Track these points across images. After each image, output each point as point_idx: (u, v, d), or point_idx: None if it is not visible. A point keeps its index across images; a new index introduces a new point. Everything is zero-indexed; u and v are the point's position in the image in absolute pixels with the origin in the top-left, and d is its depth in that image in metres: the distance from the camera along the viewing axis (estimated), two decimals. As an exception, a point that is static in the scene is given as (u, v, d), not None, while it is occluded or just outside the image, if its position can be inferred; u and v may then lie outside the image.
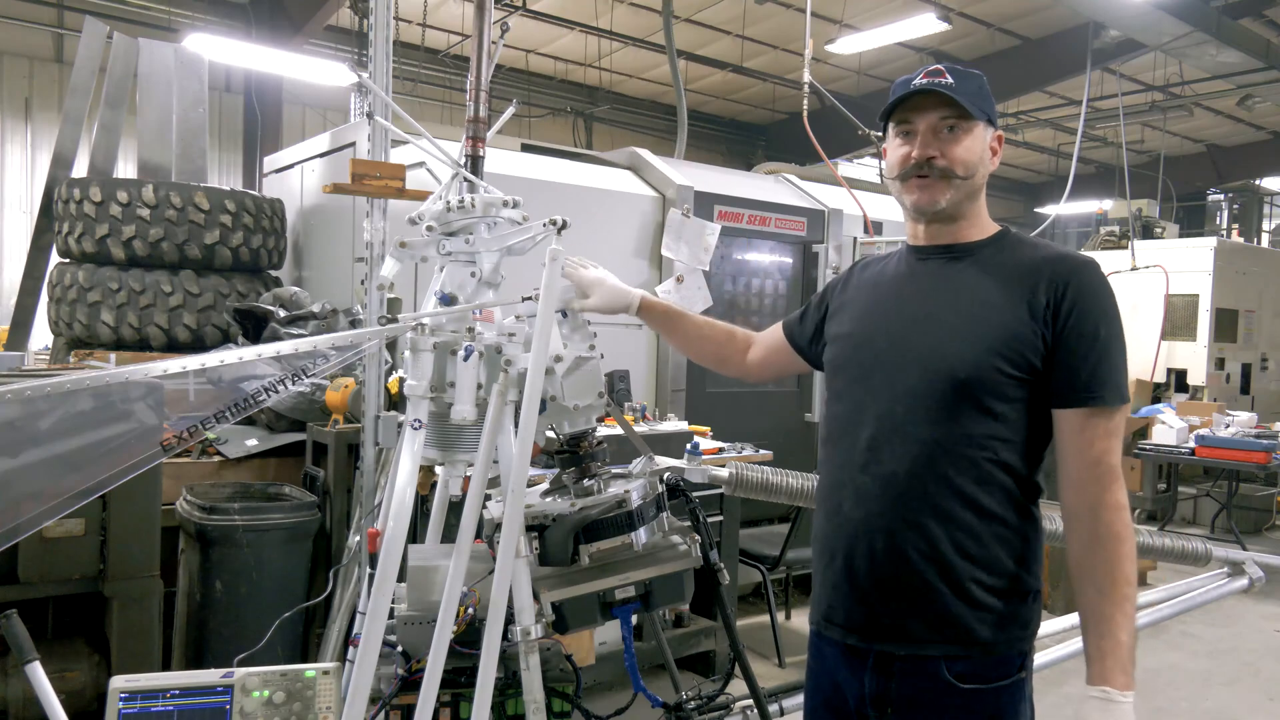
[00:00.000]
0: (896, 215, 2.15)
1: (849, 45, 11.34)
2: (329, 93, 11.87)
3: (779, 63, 13.58)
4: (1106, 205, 12.94)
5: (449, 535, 2.05)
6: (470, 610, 1.94)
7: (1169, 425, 7.83)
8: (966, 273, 1.73)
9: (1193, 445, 7.51)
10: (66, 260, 4.84)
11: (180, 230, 4.63)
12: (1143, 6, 8.88)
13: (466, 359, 1.89)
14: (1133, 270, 9.51)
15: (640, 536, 1.93)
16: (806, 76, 5.66)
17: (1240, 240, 15.29)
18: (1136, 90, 13.59)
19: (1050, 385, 1.64)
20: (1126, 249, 9.78)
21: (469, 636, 1.94)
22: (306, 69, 9.69)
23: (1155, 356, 9.46)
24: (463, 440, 1.98)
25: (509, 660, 1.94)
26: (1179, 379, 9.64)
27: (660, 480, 2.06)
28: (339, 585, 3.39)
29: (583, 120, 14.98)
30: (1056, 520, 3.18)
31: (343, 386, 3.68)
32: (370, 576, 2.03)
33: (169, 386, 2.51)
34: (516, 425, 1.87)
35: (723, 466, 3.18)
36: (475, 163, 2.28)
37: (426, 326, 1.94)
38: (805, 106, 5.66)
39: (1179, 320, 9.54)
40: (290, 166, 5.72)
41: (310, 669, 2.00)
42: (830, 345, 1.92)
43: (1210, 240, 9.88)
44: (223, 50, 8.95)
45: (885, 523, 1.69)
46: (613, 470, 2.08)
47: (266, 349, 1.96)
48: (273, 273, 5.23)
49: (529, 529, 1.89)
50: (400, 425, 2.32)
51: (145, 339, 4.67)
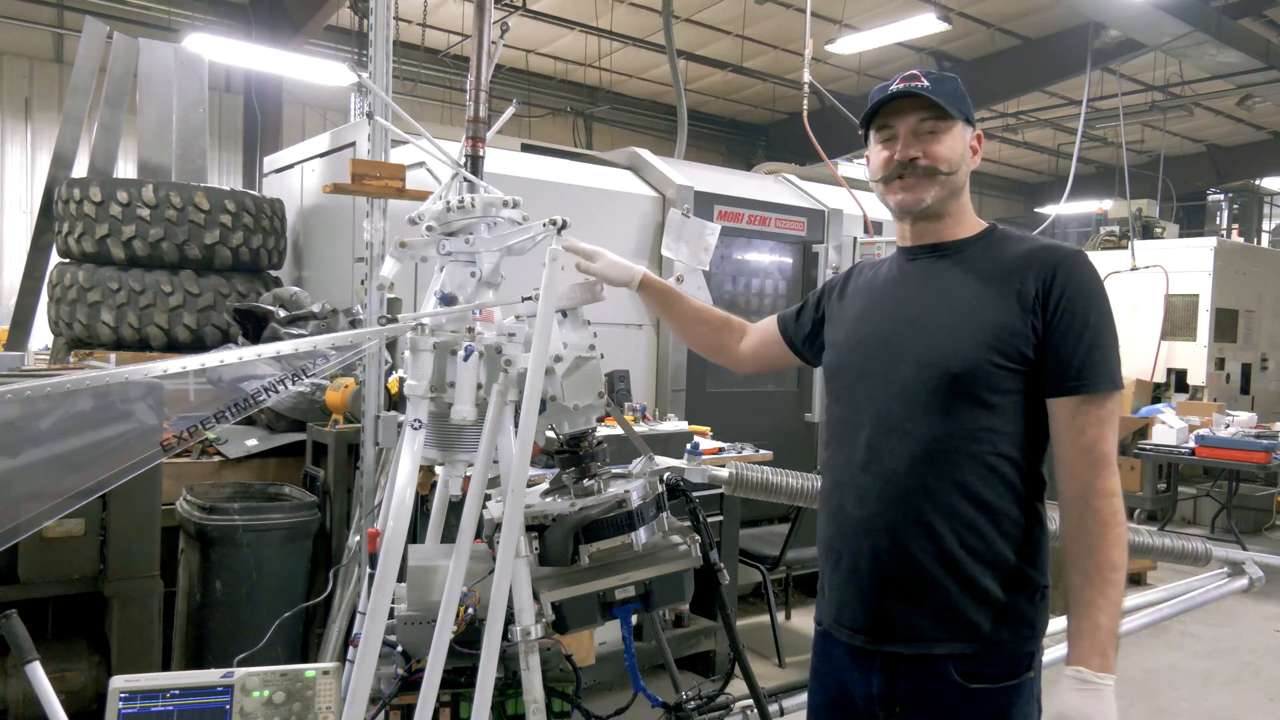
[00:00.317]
0: (896, 215, 2.15)
1: (849, 45, 11.34)
2: (329, 93, 11.87)
3: (779, 63, 13.58)
4: (1106, 205, 12.94)
5: (449, 535, 2.05)
6: (470, 610, 1.94)
7: (1169, 425, 7.83)
8: (956, 269, 1.75)
9: (1193, 445, 7.51)
10: (66, 260, 4.84)
11: (180, 230, 4.63)
12: (1143, 6, 8.88)
13: (466, 359, 1.89)
14: (1133, 270, 9.51)
15: (640, 536, 1.93)
16: (806, 76, 5.66)
17: (1240, 240, 15.30)
18: (1136, 90, 13.59)
19: (1044, 377, 1.65)
20: (1126, 249, 9.78)
21: (469, 636, 1.94)
22: (306, 69, 9.70)
23: (1155, 356, 9.46)
24: (463, 440, 1.98)
25: (509, 660, 1.94)
26: (1179, 379, 9.64)
27: (660, 480, 2.06)
28: (339, 585, 3.39)
29: (583, 120, 14.98)
30: (1055, 519, 3.18)
31: (343, 386, 3.68)
32: (370, 576, 2.03)
33: (169, 386, 2.51)
34: (516, 425, 1.87)
35: (723, 466, 3.18)
36: (475, 163, 2.28)
37: (426, 326, 1.94)
38: (805, 106, 5.66)
39: (1179, 320, 9.54)
40: (290, 166, 5.72)
41: (310, 669, 2.00)
42: (828, 350, 1.94)
43: (1210, 240, 9.88)
44: (223, 50, 8.95)
45: (887, 521, 1.70)
46: (613, 470, 2.08)
47: (266, 349, 1.96)
48: (273, 273, 5.23)
49: (529, 529, 1.89)
50: (400, 425, 2.32)
51: (145, 339, 4.66)
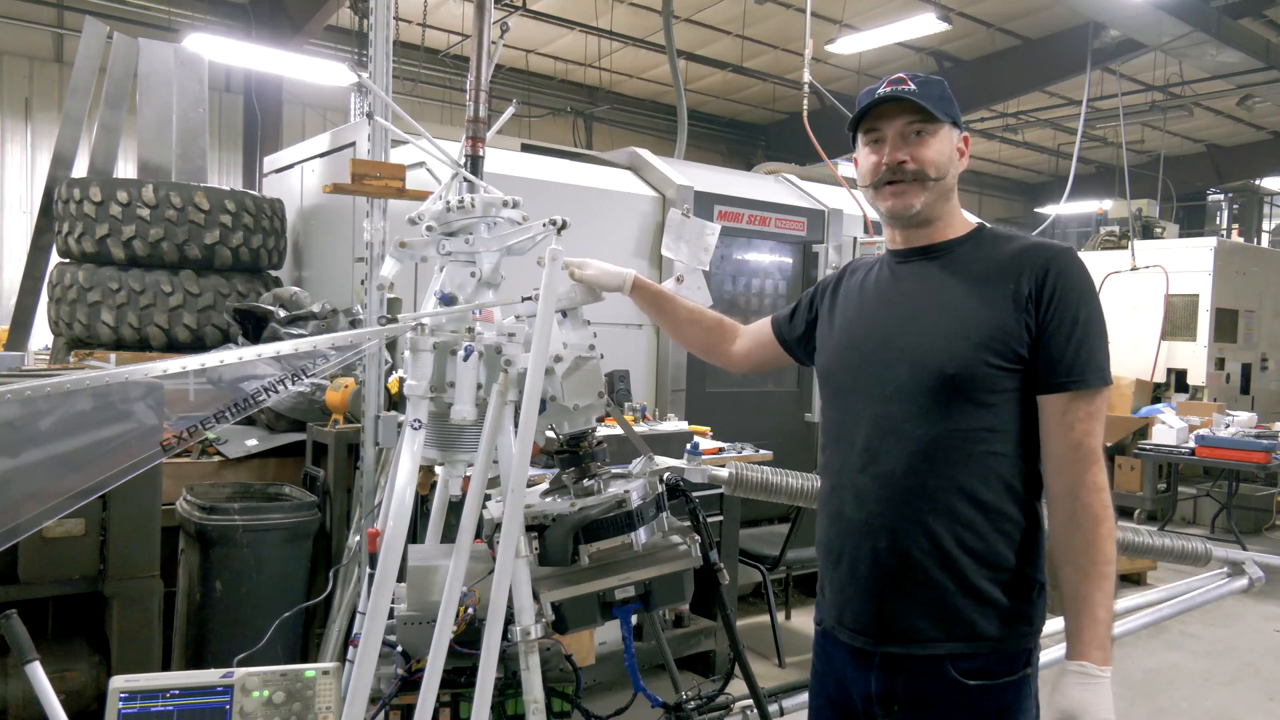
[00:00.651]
0: (896, 215, 2.14)
1: (849, 45, 11.34)
2: (329, 93, 11.87)
3: (779, 63, 13.58)
4: (1106, 205, 12.94)
5: (449, 535, 2.05)
6: (470, 610, 1.94)
7: (1169, 425, 7.83)
8: (947, 270, 1.76)
9: (1193, 445, 7.51)
10: (66, 260, 4.84)
11: (180, 230, 4.63)
12: (1143, 6, 8.88)
13: (466, 359, 1.89)
14: (1133, 270, 9.51)
15: (640, 536, 1.93)
16: (806, 76, 5.66)
17: (1240, 240, 15.29)
18: (1136, 90, 13.59)
19: (1035, 373, 1.65)
20: (1126, 249, 9.78)
21: (469, 636, 1.94)
22: (306, 69, 9.69)
23: (1155, 356, 9.46)
24: (463, 440, 1.98)
25: (509, 660, 1.94)
26: (1179, 379, 9.64)
27: (660, 480, 2.06)
28: (339, 585, 3.39)
29: (583, 120, 14.97)
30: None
31: (343, 386, 3.68)
32: (370, 576, 2.03)
33: (169, 386, 2.51)
34: (516, 425, 1.87)
35: (723, 466, 3.18)
36: (475, 163, 2.29)
37: (426, 326, 1.94)
38: (805, 106, 5.66)
39: (1179, 320, 9.54)
40: (290, 166, 5.72)
41: (310, 669, 2.00)
42: (820, 354, 1.95)
43: (1210, 240, 9.88)
44: (223, 50, 8.95)
45: (886, 522, 1.70)
46: (613, 470, 2.08)
47: (266, 349, 1.96)
48: (273, 273, 5.23)
49: (529, 529, 1.89)
50: (400, 425, 2.32)
51: (145, 339, 4.66)
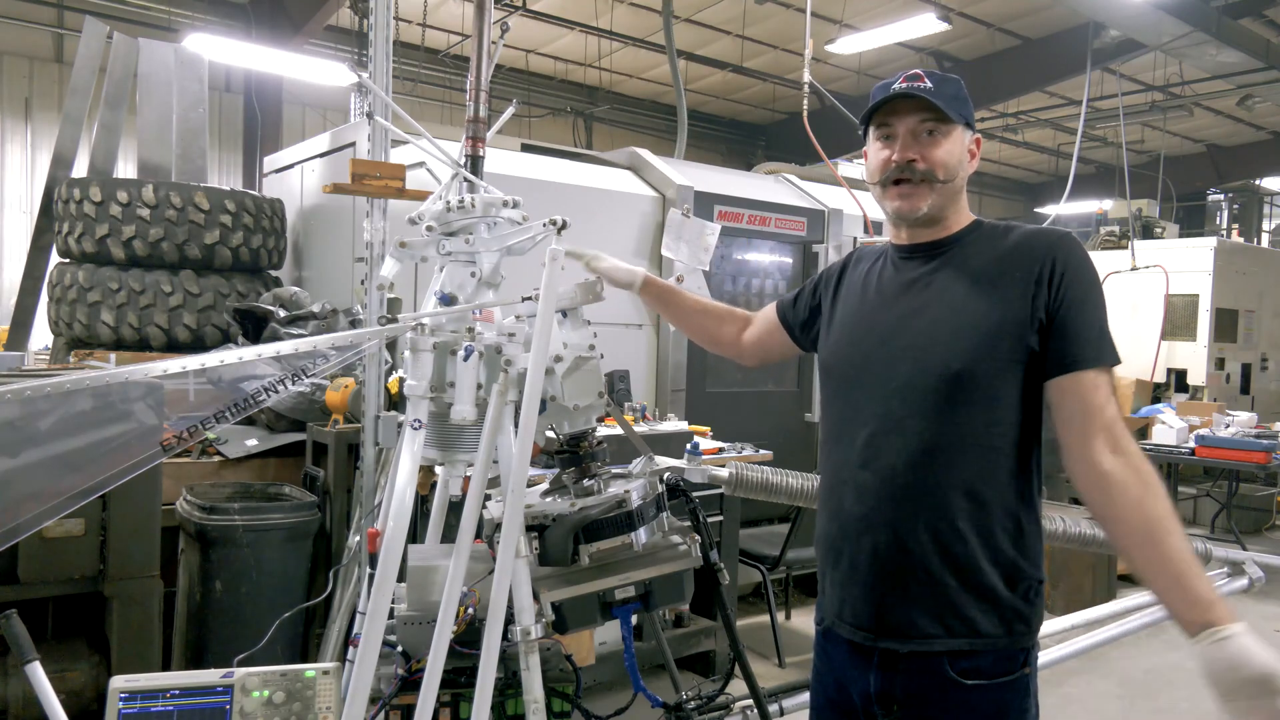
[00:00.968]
0: (896, 215, 2.14)
1: (849, 45, 11.33)
2: (329, 93, 11.87)
3: (779, 63, 13.58)
4: (1106, 205, 12.93)
5: (449, 535, 2.05)
6: (470, 610, 1.94)
7: (1169, 425, 7.82)
8: (950, 266, 1.76)
9: (1193, 445, 7.50)
10: (66, 260, 4.84)
11: (180, 230, 4.63)
12: (1143, 6, 8.87)
13: (466, 359, 1.89)
14: (1133, 270, 9.50)
15: (640, 536, 1.93)
16: (806, 76, 5.66)
17: (1240, 240, 15.28)
18: (1136, 90, 13.58)
19: (1047, 359, 1.64)
20: (1126, 249, 9.76)
21: (469, 636, 1.94)
22: (306, 69, 9.69)
23: (1155, 356, 9.45)
24: (463, 440, 1.98)
25: (509, 660, 1.94)
26: (1179, 379, 9.63)
27: (660, 480, 2.06)
28: (339, 585, 3.39)
29: (583, 120, 14.97)
30: (1056, 520, 3.18)
31: (343, 386, 3.68)
32: (370, 576, 2.03)
33: (169, 386, 2.51)
34: (516, 425, 1.87)
35: (723, 466, 3.18)
36: (475, 163, 2.29)
37: (426, 326, 1.94)
38: (805, 106, 5.66)
39: (1179, 320, 9.53)
40: (290, 166, 5.72)
41: (310, 669, 2.00)
42: (822, 347, 1.94)
43: (1210, 240, 9.87)
44: (223, 50, 8.95)
45: (887, 518, 1.70)
46: (613, 470, 2.08)
47: (266, 349, 1.96)
48: (273, 273, 5.23)
49: (529, 529, 1.89)
50: (400, 425, 2.32)
51: (145, 339, 4.66)
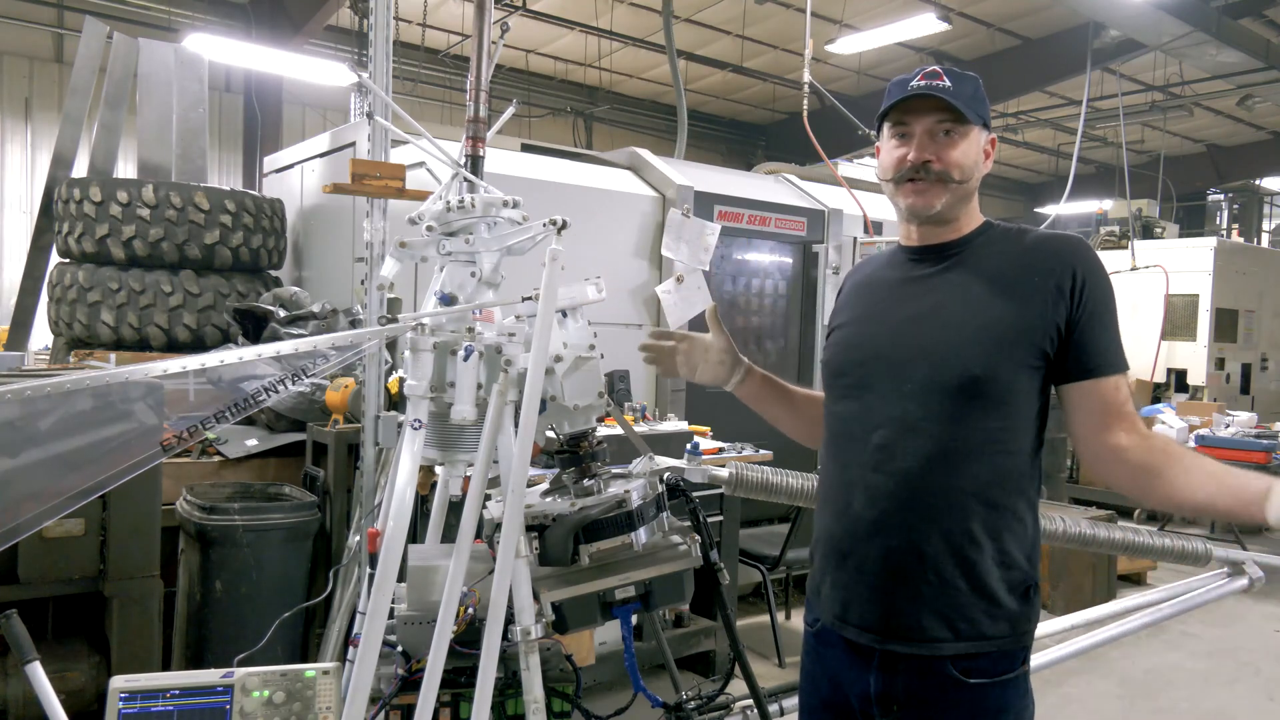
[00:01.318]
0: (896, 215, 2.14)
1: (849, 45, 11.34)
2: (329, 93, 11.87)
3: (779, 63, 13.58)
4: (1106, 205, 12.94)
5: (449, 535, 2.05)
6: (470, 610, 1.94)
7: (1169, 425, 7.82)
8: (963, 268, 1.75)
9: (1193, 445, 7.50)
10: (66, 260, 4.84)
11: (180, 230, 4.63)
12: (1143, 6, 8.87)
13: (466, 359, 1.89)
14: (1133, 270, 9.50)
15: (640, 536, 1.92)
16: (806, 76, 5.66)
17: (1240, 240, 15.30)
18: (1136, 90, 13.58)
19: (1067, 364, 1.67)
20: (1126, 249, 9.77)
21: (469, 636, 1.94)
22: (306, 69, 9.69)
23: (1155, 356, 9.45)
24: (463, 440, 1.98)
25: (509, 660, 1.94)
26: (1179, 379, 9.63)
27: (660, 480, 2.05)
28: (339, 585, 3.39)
29: (583, 120, 14.97)
30: (1056, 520, 3.18)
31: (343, 386, 3.68)
32: (370, 576, 2.03)
33: (169, 386, 2.51)
34: (516, 425, 1.87)
35: (723, 466, 3.17)
36: (475, 163, 2.29)
37: (426, 326, 1.94)
38: (805, 106, 5.66)
39: (1179, 320, 9.53)
40: (290, 166, 5.72)
41: (310, 669, 2.00)
42: (830, 347, 1.92)
43: (1210, 240, 9.88)
44: (223, 50, 8.95)
45: (901, 520, 1.69)
46: (613, 470, 2.08)
47: (266, 349, 1.96)
48: (273, 273, 5.23)
49: (529, 529, 1.89)
50: (400, 425, 2.32)
51: (145, 339, 4.67)
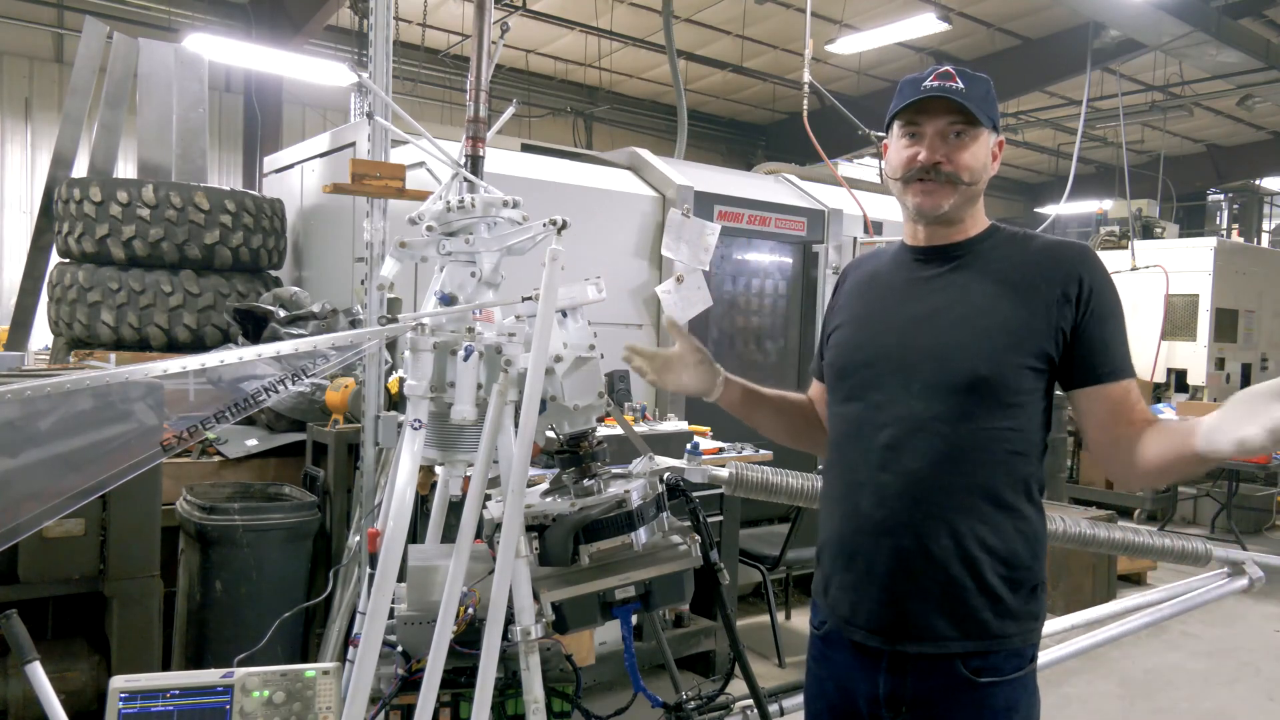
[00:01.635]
0: (897, 215, 2.13)
1: (849, 45, 11.34)
2: (329, 93, 11.87)
3: (779, 63, 13.58)
4: (1106, 205, 12.93)
5: (449, 535, 2.05)
6: (470, 610, 1.94)
7: (1169, 425, 7.81)
8: (969, 270, 1.74)
9: (1193, 445, 7.50)
10: (66, 260, 4.84)
11: (180, 230, 4.63)
12: (1143, 6, 8.87)
13: (466, 359, 1.89)
14: (1133, 270, 9.50)
15: (640, 536, 1.93)
16: (806, 76, 5.66)
17: (1240, 240, 15.30)
18: (1136, 90, 13.58)
19: (1074, 369, 1.68)
20: (1126, 249, 9.77)
21: (469, 636, 1.94)
22: (306, 69, 9.69)
23: (1155, 356, 9.45)
24: (463, 440, 1.98)
25: (509, 660, 1.94)
26: (1179, 379, 9.63)
27: (660, 480, 2.05)
28: (339, 585, 3.39)
29: (583, 120, 14.97)
30: (1056, 520, 3.17)
31: (343, 386, 3.68)
32: (370, 576, 2.03)
33: (169, 386, 2.51)
34: (516, 425, 1.87)
35: (723, 466, 3.17)
36: (475, 163, 2.29)
37: (426, 326, 1.94)
38: (805, 106, 5.66)
39: (1179, 320, 9.53)
40: (290, 166, 5.72)
41: (310, 669, 2.00)
42: (833, 348, 1.90)
43: (1210, 240, 9.87)
44: (223, 50, 8.95)
45: (909, 521, 1.68)
46: (613, 470, 2.08)
47: (266, 349, 1.96)
48: (273, 273, 5.23)
49: (529, 529, 1.89)
50: (400, 425, 2.32)
51: (145, 339, 4.67)
